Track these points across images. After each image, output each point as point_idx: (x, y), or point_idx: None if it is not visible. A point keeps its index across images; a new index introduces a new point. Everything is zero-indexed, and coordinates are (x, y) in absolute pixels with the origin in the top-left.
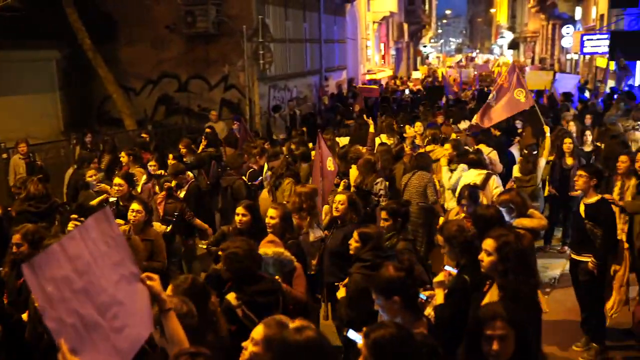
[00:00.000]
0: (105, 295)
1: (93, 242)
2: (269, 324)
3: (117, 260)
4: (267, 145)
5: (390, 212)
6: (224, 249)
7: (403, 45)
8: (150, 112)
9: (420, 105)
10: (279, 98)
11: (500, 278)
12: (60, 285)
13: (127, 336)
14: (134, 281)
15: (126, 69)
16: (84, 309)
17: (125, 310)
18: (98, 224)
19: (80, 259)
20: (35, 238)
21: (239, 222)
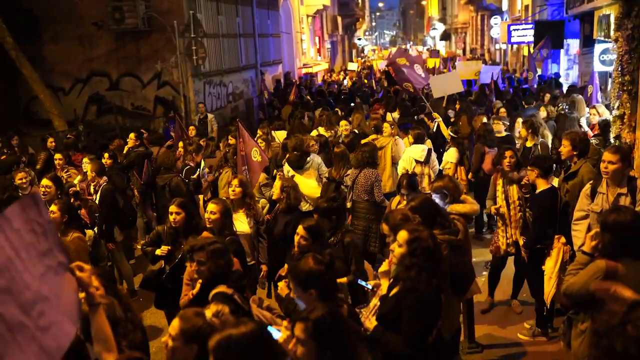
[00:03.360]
0: (30, 293)
1: (16, 233)
2: (185, 317)
3: (44, 249)
4: (203, 142)
5: (321, 214)
6: (200, 246)
7: (338, 39)
8: (81, 112)
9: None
10: (214, 94)
11: (404, 271)
12: None
13: (55, 334)
14: (61, 272)
15: (53, 68)
16: (6, 310)
17: (51, 306)
18: (24, 211)
19: (0, 255)
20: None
21: (173, 221)
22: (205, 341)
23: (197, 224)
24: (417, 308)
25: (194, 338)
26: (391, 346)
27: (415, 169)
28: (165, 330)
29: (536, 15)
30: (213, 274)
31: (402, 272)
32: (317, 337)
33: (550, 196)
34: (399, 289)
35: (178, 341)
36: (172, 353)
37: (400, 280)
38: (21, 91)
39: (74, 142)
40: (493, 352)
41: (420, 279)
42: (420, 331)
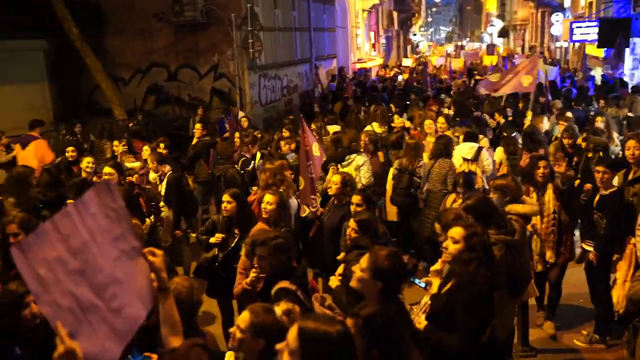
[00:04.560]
0: (103, 275)
1: (92, 218)
2: (255, 311)
3: (118, 234)
4: (259, 134)
5: (364, 199)
6: (262, 241)
7: (393, 34)
8: (140, 101)
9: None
10: (269, 87)
11: (461, 266)
12: (53, 267)
13: (126, 317)
14: (134, 256)
15: (115, 59)
16: (80, 291)
17: (124, 289)
18: (99, 197)
19: (75, 238)
20: (31, 226)
21: (224, 210)
22: (272, 337)
23: (251, 215)
24: (472, 304)
25: (262, 333)
26: (444, 345)
27: (461, 167)
28: (217, 318)
29: (601, 13)
30: (274, 269)
31: (459, 268)
32: (366, 334)
33: (619, 197)
34: (451, 285)
35: (246, 334)
36: (239, 344)
37: (454, 277)
38: (84, 82)
39: (136, 130)
40: (547, 357)
41: (478, 273)
42: (475, 328)
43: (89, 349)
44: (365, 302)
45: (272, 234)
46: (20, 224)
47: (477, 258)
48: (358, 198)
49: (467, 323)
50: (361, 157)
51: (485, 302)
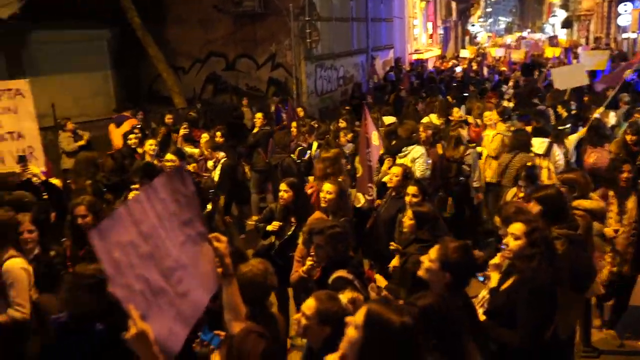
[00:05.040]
0: (170, 259)
1: (161, 203)
2: (320, 299)
3: (186, 219)
4: (315, 124)
5: (420, 190)
6: (319, 230)
7: (451, 25)
8: (199, 90)
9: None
10: (325, 77)
11: (523, 263)
12: (127, 251)
13: (191, 301)
14: (200, 241)
15: (175, 48)
16: (150, 274)
17: (189, 273)
18: (170, 182)
19: (146, 222)
20: (97, 209)
21: (282, 198)
22: (338, 325)
23: (307, 204)
24: (534, 300)
25: (328, 320)
26: (505, 341)
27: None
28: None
29: None
30: (331, 258)
31: (521, 264)
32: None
33: None
34: (513, 281)
35: (312, 321)
36: (304, 330)
37: (515, 273)
38: (145, 70)
39: (195, 118)
40: (610, 359)
41: (540, 269)
42: (536, 325)
43: (158, 332)
44: (424, 293)
45: (330, 223)
46: (89, 206)
47: (539, 254)
48: (414, 189)
49: (528, 319)
50: (419, 149)
51: (548, 298)
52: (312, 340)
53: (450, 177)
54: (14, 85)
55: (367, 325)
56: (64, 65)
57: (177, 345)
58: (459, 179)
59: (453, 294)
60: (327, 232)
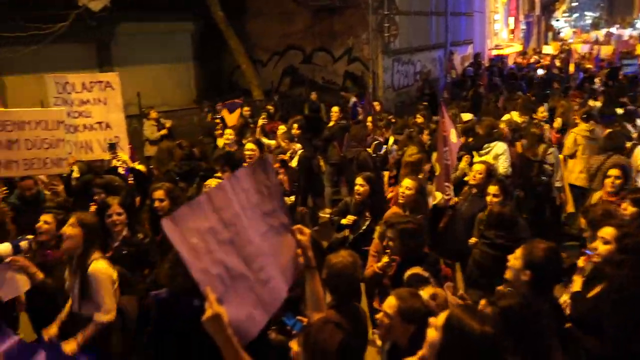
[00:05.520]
0: (252, 247)
1: (244, 192)
2: (402, 297)
3: (269, 210)
4: (393, 118)
5: (501, 190)
6: (391, 224)
7: (534, 19)
8: (276, 83)
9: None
10: (402, 72)
11: (612, 269)
12: (205, 237)
13: (272, 289)
14: (282, 232)
15: (254, 42)
16: (229, 260)
17: (271, 262)
18: (254, 173)
19: (228, 210)
20: (175, 195)
21: (357, 192)
22: (421, 322)
23: (383, 198)
24: (622, 308)
25: (411, 318)
26: (591, 350)
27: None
28: None
29: None
30: (406, 254)
31: (610, 270)
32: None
33: None
34: (601, 289)
35: (395, 320)
36: (387, 330)
37: (604, 279)
38: (225, 62)
39: (270, 111)
40: None
41: (631, 276)
42: (623, 334)
43: (235, 315)
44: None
45: (404, 218)
46: (167, 191)
47: (630, 260)
48: (495, 188)
49: (615, 327)
50: (501, 145)
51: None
52: (397, 339)
53: (532, 176)
54: (104, 78)
55: (447, 330)
56: (149, 56)
57: (254, 331)
58: (540, 178)
59: (537, 295)
60: (399, 226)
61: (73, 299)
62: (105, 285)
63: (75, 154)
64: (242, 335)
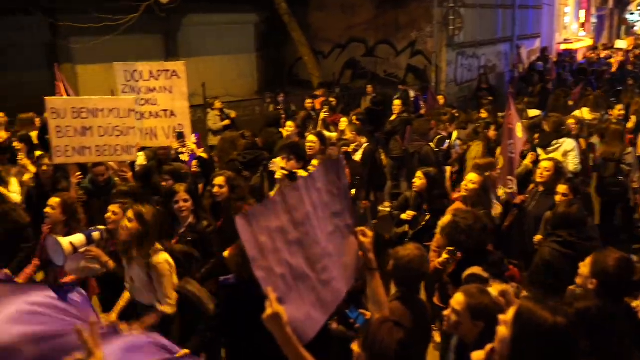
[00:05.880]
0: (318, 247)
1: (317, 192)
2: (470, 293)
3: (337, 210)
4: (456, 113)
5: (571, 190)
6: (453, 219)
7: (606, 13)
8: (338, 75)
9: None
10: (466, 66)
11: None
12: (274, 236)
13: (333, 289)
14: (346, 233)
15: (316, 34)
16: (294, 260)
17: (334, 263)
18: (327, 173)
19: (300, 210)
20: (235, 184)
21: (414, 186)
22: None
23: (444, 194)
24: None
25: (481, 315)
26: None
27: None
28: None
29: None
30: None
31: None
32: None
33: None
34: None
35: (463, 317)
36: (454, 327)
37: None
38: (287, 54)
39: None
40: None
41: None
42: None
43: (295, 315)
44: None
45: (466, 214)
46: (227, 179)
47: None
48: (564, 188)
49: None
50: (570, 142)
51: None
52: (465, 335)
53: (607, 176)
54: (171, 67)
55: (517, 323)
56: (214, 47)
57: (313, 330)
58: (617, 178)
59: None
60: (461, 222)
61: (132, 289)
62: (167, 277)
63: (140, 140)
64: (301, 334)
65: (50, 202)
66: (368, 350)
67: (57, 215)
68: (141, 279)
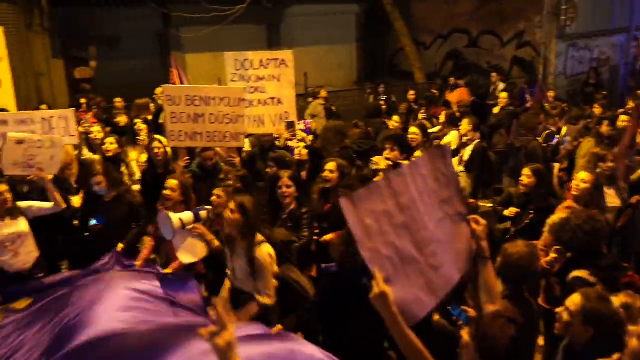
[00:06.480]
0: (426, 232)
1: (422, 179)
2: (589, 297)
3: (445, 197)
4: (567, 107)
5: None
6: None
7: None
8: (439, 66)
9: None
10: (577, 58)
11: None
12: (380, 219)
13: (442, 275)
14: (458, 221)
15: (418, 24)
16: (401, 243)
17: (444, 249)
18: (432, 161)
19: (405, 195)
20: (345, 171)
21: (521, 183)
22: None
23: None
24: None
25: (593, 321)
26: None
27: None
28: None
29: None
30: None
31: None
32: None
33: None
34: None
35: (576, 318)
36: (565, 327)
37: None
38: (387, 44)
39: (433, 96)
40: None
41: None
42: None
43: (402, 296)
44: None
45: (577, 213)
46: (338, 166)
47: None
48: None
49: None
50: None
51: None
52: (574, 338)
53: None
54: (280, 56)
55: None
56: (315, 37)
57: (421, 313)
58: None
59: None
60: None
61: (234, 278)
62: (268, 270)
63: (248, 127)
64: (408, 315)
65: (169, 185)
66: (478, 342)
67: (176, 197)
68: (243, 270)
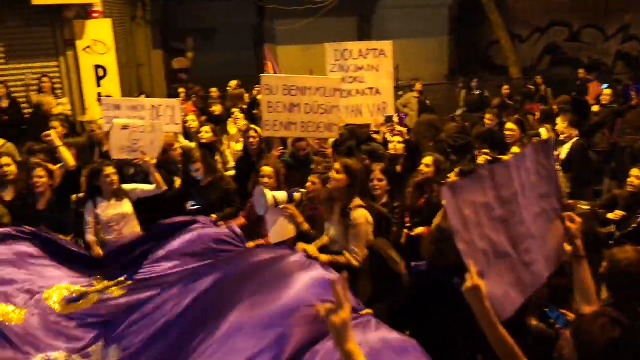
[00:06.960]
0: (523, 228)
1: (526, 172)
2: None
3: (544, 192)
4: None
5: None
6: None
7: None
8: (535, 61)
9: None
10: None
11: None
12: (479, 211)
13: (533, 272)
14: (552, 217)
15: (515, 16)
16: (497, 237)
17: (537, 245)
18: (535, 154)
19: (507, 188)
20: (442, 167)
21: (631, 185)
22: None
23: None
24: None
25: None
26: None
27: None
28: None
29: None
30: None
31: None
32: None
33: None
34: None
35: None
36: None
37: None
38: (481, 37)
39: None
40: None
41: None
42: None
43: (493, 291)
44: None
45: None
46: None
47: None
48: None
49: None
50: None
51: None
52: None
53: None
54: (379, 46)
55: None
56: (406, 30)
57: (510, 309)
58: None
59: None
60: None
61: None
62: (362, 233)
63: (345, 117)
64: (499, 311)
65: (265, 172)
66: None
67: (272, 184)
68: (339, 231)
